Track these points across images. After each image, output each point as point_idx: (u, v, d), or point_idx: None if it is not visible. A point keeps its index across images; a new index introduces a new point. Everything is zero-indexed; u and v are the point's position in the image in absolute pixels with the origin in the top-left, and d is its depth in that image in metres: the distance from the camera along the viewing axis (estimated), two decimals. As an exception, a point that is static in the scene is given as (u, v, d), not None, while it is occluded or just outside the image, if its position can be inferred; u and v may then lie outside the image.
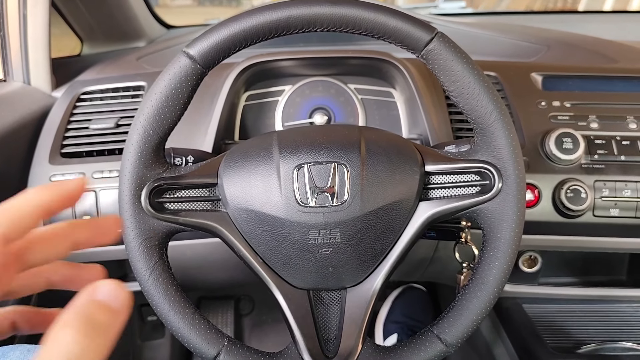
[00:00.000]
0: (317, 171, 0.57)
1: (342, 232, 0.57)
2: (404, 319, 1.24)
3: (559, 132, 0.81)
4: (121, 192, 0.57)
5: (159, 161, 0.58)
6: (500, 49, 1.16)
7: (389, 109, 0.93)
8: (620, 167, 0.82)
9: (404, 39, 0.56)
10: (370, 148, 0.58)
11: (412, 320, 1.24)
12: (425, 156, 0.61)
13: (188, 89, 0.56)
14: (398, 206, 0.58)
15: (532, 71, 0.95)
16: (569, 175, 0.81)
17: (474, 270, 0.60)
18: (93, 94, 0.95)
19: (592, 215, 0.82)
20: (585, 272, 1.05)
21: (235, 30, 0.55)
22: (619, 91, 0.92)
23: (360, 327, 0.59)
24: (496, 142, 0.57)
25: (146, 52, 1.18)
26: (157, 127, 0.56)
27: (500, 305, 1.02)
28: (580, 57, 1.08)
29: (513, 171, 0.57)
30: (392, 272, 0.61)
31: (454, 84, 0.57)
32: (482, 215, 0.59)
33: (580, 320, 0.96)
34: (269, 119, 0.94)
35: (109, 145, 0.87)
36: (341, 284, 0.61)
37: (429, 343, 0.58)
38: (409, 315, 1.25)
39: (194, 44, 0.56)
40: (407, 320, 1.24)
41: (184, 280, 0.85)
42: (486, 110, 0.56)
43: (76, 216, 0.82)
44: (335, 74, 0.94)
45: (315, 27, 0.56)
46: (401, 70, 0.87)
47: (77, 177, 0.83)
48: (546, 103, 0.89)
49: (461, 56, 0.56)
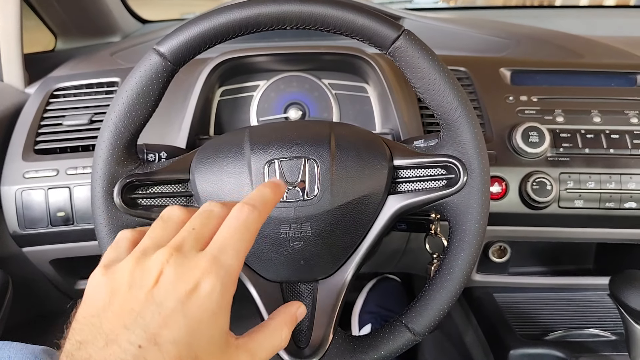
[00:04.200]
0: (287, 166, 0.58)
1: (312, 225, 0.58)
2: (378, 310, 1.26)
3: (525, 126, 0.83)
4: (93, 189, 0.58)
5: (131, 158, 0.59)
6: (471, 44, 1.18)
7: (362, 104, 0.94)
8: (584, 160, 0.84)
9: (371, 37, 0.57)
10: (340, 144, 0.59)
11: (385, 310, 1.26)
12: (394, 151, 0.62)
13: (159, 86, 0.57)
14: (367, 200, 0.59)
15: (501, 66, 0.96)
16: (535, 168, 0.83)
17: (442, 261, 0.62)
18: (66, 90, 0.95)
19: (557, 206, 0.84)
20: (554, 261, 1.08)
21: (205, 28, 0.56)
22: (585, 86, 0.94)
23: (332, 318, 0.60)
24: (461, 137, 0.59)
25: (121, 48, 1.17)
26: (128, 124, 0.57)
27: (471, 294, 1.04)
28: (548, 52, 1.10)
29: (477, 165, 0.59)
30: (363, 264, 0.62)
31: (421, 81, 0.58)
32: (449, 208, 0.61)
33: (549, 308, 0.99)
34: (244, 114, 0.94)
35: (82, 141, 0.87)
36: (313, 277, 0.62)
37: (397, 332, 0.60)
38: (383, 306, 1.27)
39: (164, 42, 0.56)
40: (381, 311, 1.26)
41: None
42: (451, 106, 0.58)
43: (50, 212, 0.82)
44: (309, 69, 0.95)
45: (284, 24, 0.57)
46: (373, 65, 0.88)
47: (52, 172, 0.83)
48: (514, 97, 0.90)
49: (427, 53, 0.57)
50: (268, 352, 0.40)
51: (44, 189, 0.82)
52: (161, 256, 0.35)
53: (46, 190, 0.82)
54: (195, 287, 0.34)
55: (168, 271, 0.34)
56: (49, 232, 0.84)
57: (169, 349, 0.32)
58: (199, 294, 0.34)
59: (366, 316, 1.26)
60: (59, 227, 0.83)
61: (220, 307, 0.35)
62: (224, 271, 0.35)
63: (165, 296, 0.33)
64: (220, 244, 0.37)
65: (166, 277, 0.34)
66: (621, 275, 0.71)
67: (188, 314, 0.33)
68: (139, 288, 0.34)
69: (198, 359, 0.33)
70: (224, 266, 0.35)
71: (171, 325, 0.32)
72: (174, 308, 0.33)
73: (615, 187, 0.83)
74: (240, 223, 0.38)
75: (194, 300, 0.33)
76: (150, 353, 0.31)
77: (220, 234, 0.37)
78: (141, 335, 0.32)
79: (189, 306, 0.33)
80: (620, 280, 0.70)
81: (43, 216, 0.83)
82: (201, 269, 0.34)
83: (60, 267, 0.94)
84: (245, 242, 0.38)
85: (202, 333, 0.33)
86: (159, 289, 0.33)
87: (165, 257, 0.35)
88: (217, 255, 0.35)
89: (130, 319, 0.32)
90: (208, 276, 0.34)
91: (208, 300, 0.34)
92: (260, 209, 0.39)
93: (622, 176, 0.83)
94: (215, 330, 0.34)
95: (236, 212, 0.39)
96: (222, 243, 0.37)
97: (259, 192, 0.42)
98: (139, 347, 0.31)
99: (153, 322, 0.32)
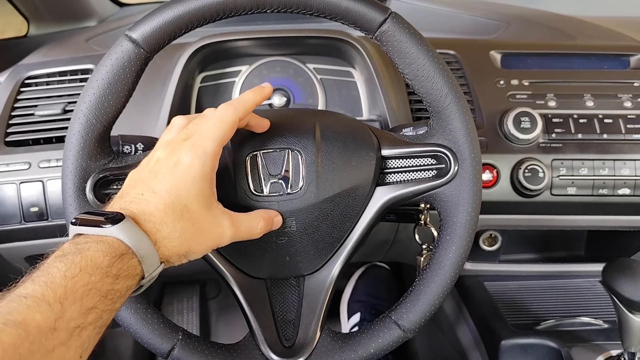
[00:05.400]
0: (270, 159, 0.56)
1: (297, 220, 0.56)
2: (367, 298, 1.25)
3: (517, 112, 0.81)
4: (64, 185, 0.55)
5: (104, 151, 0.57)
6: (460, 25, 1.16)
7: (349, 89, 0.92)
8: (577, 146, 0.83)
9: (356, 20, 0.54)
10: (326, 134, 0.57)
11: (375, 299, 1.24)
12: (382, 140, 0.60)
13: (132, 75, 0.54)
14: (354, 192, 0.57)
15: (492, 49, 0.94)
16: (527, 155, 0.81)
17: (432, 254, 0.59)
18: (38, 78, 0.91)
19: (549, 194, 0.82)
20: (545, 248, 1.07)
21: (179, 12, 0.53)
22: (577, 68, 0.92)
23: (319, 315, 0.59)
24: (452, 125, 0.57)
25: (96, 33, 1.13)
26: (99, 115, 0.54)
27: (462, 283, 1.03)
28: (539, 34, 1.08)
29: (469, 155, 0.56)
30: (351, 258, 0.61)
31: (409, 67, 0.55)
32: (439, 199, 0.58)
33: (540, 296, 0.98)
34: (225, 101, 0.90)
35: (56, 132, 0.83)
36: (298, 272, 0.61)
37: (387, 330, 0.58)
38: (372, 294, 1.26)
39: (136, 27, 0.53)
40: (370, 299, 1.24)
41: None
42: (441, 93, 0.55)
43: (23, 207, 0.79)
44: (293, 54, 0.92)
45: (264, 8, 0.54)
46: (359, 49, 0.85)
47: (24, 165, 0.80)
48: (505, 82, 0.88)
49: (416, 37, 0.55)
50: (245, 231, 0.52)
51: (16, 183, 0.79)
52: (161, 147, 0.50)
53: (18, 185, 0.79)
54: (178, 160, 0.47)
55: (163, 154, 0.49)
56: (22, 228, 0.81)
57: (163, 195, 0.46)
58: (182, 164, 0.47)
59: (355, 305, 1.25)
60: (33, 223, 0.80)
61: (200, 175, 0.48)
62: (200, 150, 0.48)
63: (160, 166, 0.48)
64: (199, 133, 0.49)
65: (161, 157, 0.49)
66: (614, 263, 0.69)
67: (174, 175, 0.47)
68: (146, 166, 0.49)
69: (187, 207, 0.47)
70: (200, 147, 0.48)
71: (162, 180, 0.47)
72: (164, 172, 0.47)
73: (608, 173, 0.82)
74: (216, 117, 0.50)
75: (178, 168, 0.47)
76: (150, 196, 0.46)
77: (201, 126, 0.50)
78: (142, 187, 0.47)
79: (175, 171, 0.47)
80: (613, 269, 0.69)
81: (15, 212, 0.80)
82: (183, 149, 0.48)
83: (36, 264, 0.91)
84: (220, 131, 0.49)
85: (188, 190, 0.47)
86: (156, 162, 0.49)
87: (162, 149, 0.50)
88: (196, 140, 0.49)
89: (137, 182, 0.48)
90: (187, 153, 0.48)
91: (188, 168, 0.47)
92: (235, 106, 0.52)
93: (616, 162, 0.82)
94: (198, 190, 0.47)
95: (215, 110, 0.51)
96: (200, 132, 0.49)
97: (240, 97, 0.54)
98: (141, 194, 0.46)
99: (150, 180, 0.47)
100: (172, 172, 0.47)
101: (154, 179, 0.47)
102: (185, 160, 0.47)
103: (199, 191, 0.47)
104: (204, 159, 0.48)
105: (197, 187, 0.47)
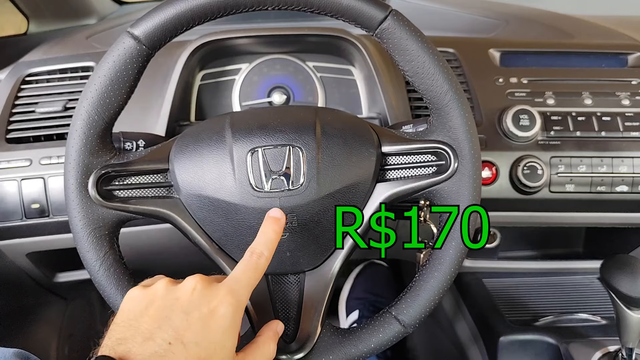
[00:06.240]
0: (271, 155, 0.56)
1: (298, 216, 0.56)
2: (366, 295, 1.25)
3: (515, 109, 0.81)
4: (66, 181, 0.55)
5: (106, 147, 0.57)
6: (459, 24, 1.16)
7: (348, 87, 0.92)
8: (575, 143, 0.83)
9: (357, 17, 0.54)
10: (326, 130, 0.57)
11: (373, 296, 1.25)
12: (382, 137, 0.60)
13: (134, 71, 0.55)
14: (355, 189, 0.57)
15: (490, 47, 0.94)
16: (525, 152, 0.82)
17: (432, 251, 0.60)
18: (39, 75, 0.91)
19: (548, 191, 0.83)
20: (543, 245, 1.07)
21: (181, 9, 0.53)
22: (575, 67, 0.93)
23: (320, 311, 0.59)
24: (452, 122, 0.57)
25: (97, 30, 1.13)
26: (102, 112, 0.54)
27: (460, 280, 1.04)
28: (538, 32, 1.08)
29: (469, 151, 0.57)
30: (351, 254, 0.61)
31: (409, 64, 0.56)
32: (439, 195, 0.59)
33: (539, 293, 0.99)
34: (225, 99, 0.91)
35: (57, 129, 0.83)
36: (299, 268, 0.61)
37: (387, 324, 0.58)
38: (370, 292, 1.26)
39: (138, 24, 0.54)
40: (369, 297, 1.25)
41: (141, 266, 0.83)
42: (441, 90, 0.56)
43: (24, 204, 0.79)
44: (293, 52, 0.92)
45: (265, 5, 0.54)
46: (359, 47, 0.85)
47: (25, 162, 0.80)
48: (504, 80, 0.89)
49: (416, 35, 0.55)
50: None
51: (17, 180, 0.79)
52: (191, 280, 0.47)
53: (19, 181, 0.79)
54: (215, 309, 0.44)
55: (195, 293, 0.45)
56: (23, 225, 0.81)
57: (192, 348, 0.42)
58: (217, 314, 0.44)
59: (354, 302, 1.25)
60: (34, 220, 0.81)
61: (231, 327, 0.45)
62: (235, 300, 0.46)
63: (192, 308, 0.44)
64: (236, 279, 0.48)
65: (194, 296, 0.45)
66: (612, 260, 0.70)
67: (207, 325, 0.43)
68: (173, 299, 0.45)
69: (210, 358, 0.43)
70: (236, 296, 0.46)
71: (194, 330, 0.43)
72: (197, 317, 0.43)
73: (606, 170, 0.82)
74: (252, 265, 0.49)
75: (212, 318, 0.44)
76: (178, 349, 0.41)
77: (236, 272, 0.49)
78: (171, 334, 0.42)
79: (208, 320, 0.44)
80: (611, 265, 0.69)
81: (17, 208, 0.80)
82: (220, 296, 0.45)
83: (38, 260, 0.92)
84: (254, 280, 0.49)
85: (217, 343, 0.44)
86: (188, 302, 0.44)
87: (194, 283, 0.46)
88: (233, 288, 0.47)
89: (164, 322, 0.43)
90: (224, 302, 0.45)
91: (222, 319, 0.44)
92: (267, 255, 0.51)
93: (614, 159, 0.82)
94: (226, 343, 0.45)
95: (247, 256, 0.50)
96: (237, 279, 0.48)
97: (264, 236, 0.52)
98: (169, 343, 0.41)
99: (181, 326, 0.43)
100: (206, 321, 0.44)
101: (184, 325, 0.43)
102: (221, 311, 0.45)
103: (226, 342, 0.45)
104: (239, 308, 0.46)
105: (226, 339, 0.45)
